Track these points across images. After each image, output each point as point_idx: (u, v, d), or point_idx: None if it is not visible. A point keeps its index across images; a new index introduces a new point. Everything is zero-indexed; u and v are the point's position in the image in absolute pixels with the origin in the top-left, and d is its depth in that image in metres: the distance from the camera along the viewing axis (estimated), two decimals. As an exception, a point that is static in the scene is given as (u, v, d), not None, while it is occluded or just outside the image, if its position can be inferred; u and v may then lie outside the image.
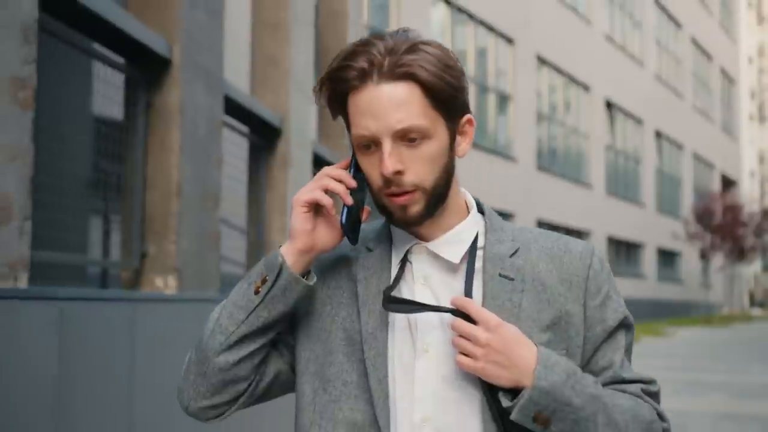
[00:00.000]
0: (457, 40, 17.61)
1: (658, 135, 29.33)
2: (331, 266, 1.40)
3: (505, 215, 19.24)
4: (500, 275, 1.34)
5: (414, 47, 1.28)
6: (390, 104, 1.26)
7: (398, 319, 1.33)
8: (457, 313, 1.28)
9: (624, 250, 26.51)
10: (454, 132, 1.34)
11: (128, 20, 4.06)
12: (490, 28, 18.60)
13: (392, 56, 1.27)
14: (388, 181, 1.28)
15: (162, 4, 4.32)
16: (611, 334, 1.38)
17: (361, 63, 1.27)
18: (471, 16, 17.90)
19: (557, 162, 22.13)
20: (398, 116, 1.26)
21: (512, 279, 1.34)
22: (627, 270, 26.33)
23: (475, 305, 1.25)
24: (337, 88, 1.30)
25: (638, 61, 27.36)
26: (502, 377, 1.25)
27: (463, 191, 1.41)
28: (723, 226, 30.90)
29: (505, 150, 19.28)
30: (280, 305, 1.32)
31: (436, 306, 1.30)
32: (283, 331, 1.38)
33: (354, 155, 1.35)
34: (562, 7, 21.99)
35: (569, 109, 23.02)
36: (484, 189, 18.10)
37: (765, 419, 7.98)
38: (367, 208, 1.36)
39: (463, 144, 1.36)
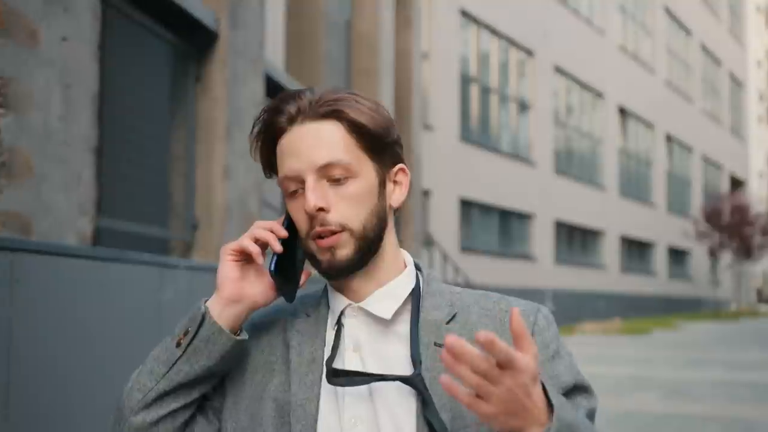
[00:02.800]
0: (482, 53, 18.70)
1: (669, 138, 29.51)
2: (267, 331, 1.29)
3: (525, 216, 20.35)
4: (435, 344, 1.22)
5: (342, 94, 1.24)
6: (313, 141, 1.21)
7: (326, 389, 1.22)
8: (406, 380, 1.18)
9: (636, 249, 26.76)
10: (383, 176, 1.25)
11: None
12: (512, 42, 19.54)
13: (319, 99, 1.23)
14: (312, 222, 1.20)
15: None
16: (568, 394, 1.22)
17: (290, 107, 1.23)
18: (494, 32, 18.91)
19: (573, 165, 22.61)
20: (321, 152, 1.20)
21: None
22: (639, 267, 26.76)
23: (502, 343, 0.98)
24: (265, 137, 1.25)
25: (649, 67, 27.74)
26: (509, 425, 1.05)
27: (403, 251, 1.32)
28: (731, 226, 30.70)
29: (524, 154, 20.09)
30: (202, 358, 1.20)
31: (383, 375, 1.19)
32: (213, 396, 1.27)
33: (287, 210, 1.27)
34: (578, 20, 22.69)
35: (584, 115, 23.56)
36: (504, 191, 19.00)
37: (755, 385, 9.38)
38: (307, 271, 1.28)
39: (397, 193, 1.28)
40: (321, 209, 1.19)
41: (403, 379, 1.17)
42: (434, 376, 1.17)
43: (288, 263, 1.25)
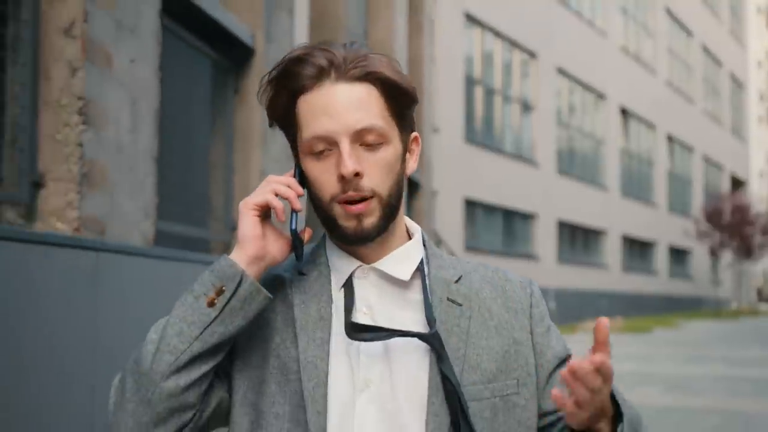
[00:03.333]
0: (486, 55, 18.96)
1: (670, 139, 29.68)
2: (265, 287, 1.22)
3: (528, 216, 20.63)
4: (448, 299, 1.24)
5: (371, 53, 1.20)
6: (349, 103, 1.16)
7: (337, 348, 1.20)
8: (424, 337, 1.18)
9: (638, 248, 26.95)
10: (406, 143, 1.25)
11: (220, 11, 4.21)
12: (515, 44, 19.81)
13: (351, 56, 1.18)
14: (344, 186, 1.17)
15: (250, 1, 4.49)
16: (562, 364, 1.28)
17: (320, 60, 1.17)
18: (498, 34, 19.17)
19: (575, 165, 22.81)
20: (357, 116, 1.16)
21: (460, 304, 1.25)
22: (640, 266, 26.97)
23: (607, 361, 1.06)
24: (287, 85, 1.19)
25: (651, 69, 27.84)
26: (590, 423, 1.13)
27: (406, 218, 1.32)
28: (731, 225, 30.70)
29: (527, 155, 20.34)
30: (238, 319, 1.16)
31: (406, 331, 1.18)
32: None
33: (297, 167, 1.24)
34: (580, 21, 22.91)
35: (586, 116, 23.78)
36: (508, 192, 19.22)
37: (754, 380, 9.68)
38: (308, 228, 1.25)
39: (410, 161, 1.27)
40: (357, 174, 1.16)
41: (422, 336, 1.18)
42: (446, 329, 1.21)
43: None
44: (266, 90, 1.21)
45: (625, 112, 26.09)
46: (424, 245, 1.30)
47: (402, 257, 1.25)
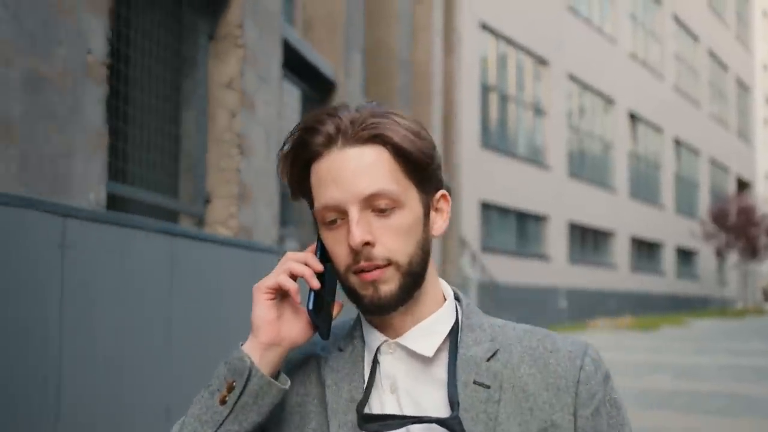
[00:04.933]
0: (499, 62, 19.56)
1: (677, 142, 30.10)
2: (298, 369, 1.19)
3: (540, 217, 21.23)
4: (475, 382, 1.13)
5: (383, 113, 1.12)
6: (356, 169, 1.09)
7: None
8: (443, 422, 1.09)
9: (646, 249, 27.36)
10: (428, 206, 1.15)
11: (313, 54, 4.96)
12: (528, 52, 20.39)
13: (359, 120, 1.11)
14: (356, 256, 1.10)
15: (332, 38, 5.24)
16: None
17: (328, 127, 1.11)
18: (511, 42, 19.78)
19: (585, 168, 23.28)
20: (366, 181, 1.09)
21: (488, 386, 1.13)
22: (648, 267, 27.39)
23: None
24: (299, 155, 1.13)
25: (658, 74, 28.25)
26: None
27: (441, 281, 1.21)
28: (737, 227, 30.96)
29: (539, 158, 20.91)
30: (252, 415, 1.10)
31: (420, 417, 1.11)
32: None
33: (319, 240, 1.17)
34: (590, 29, 23.45)
35: (596, 120, 24.25)
36: (520, 194, 19.71)
37: (755, 368, 10.39)
38: (339, 302, 1.19)
39: (438, 221, 1.18)
40: (367, 243, 1.10)
41: (440, 422, 1.09)
42: (472, 416, 1.11)
43: (321, 297, 1.15)
44: (283, 163, 1.16)
45: (633, 116, 26.44)
46: (458, 309, 1.20)
47: (428, 330, 1.16)
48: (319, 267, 1.13)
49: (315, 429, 1.14)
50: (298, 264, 1.12)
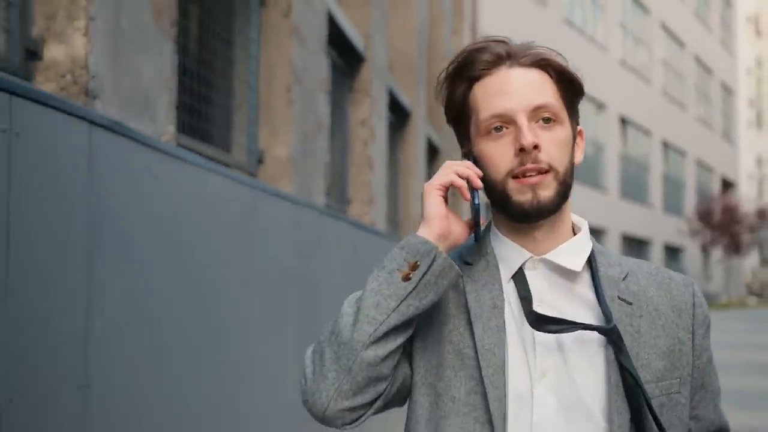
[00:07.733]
0: None
1: (665, 144, 30.55)
2: None
3: (537, 215, 22.07)
4: (619, 298, 1.23)
5: (547, 48, 1.25)
6: (525, 84, 1.20)
7: (511, 337, 1.21)
8: (606, 331, 1.16)
9: (635, 245, 27.66)
10: (574, 131, 1.25)
11: (347, 25, 4.97)
12: None
13: (525, 46, 1.23)
14: (523, 158, 1.17)
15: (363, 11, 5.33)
16: (711, 361, 1.29)
17: (497, 49, 1.21)
18: None
19: (578, 169, 21.47)
20: (534, 93, 1.19)
21: (630, 303, 1.23)
22: None
23: None
24: (465, 73, 1.22)
25: (647, 79, 28.81)
26: None
27: (572, 214, 1.31)
28: (721, 224, 31.73)
29: None
30: (431, 293, 1.17)
31: (588, 325, 1.17)
32: None
33: (471, 157, 1.26)
34: (582, 38, 24.29)
35: (588, 124, 24.19)
36: None
37: (735, 342, 12.04)
38: (483, 217, 1.25)
39: (578, 151, 1.27)
40: (536, 147, 1.17)
41: (602, 330, 1.17)
42: (621, 329, 1.19)
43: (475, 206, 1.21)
44: (443, 86, 1.25)
45: (623, 120, 27.05)
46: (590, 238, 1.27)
47: (572, 249, 1.24)
48: (480, 172, 1.21)
49: (451, 330, 1.23)
50: (463, 167, 1.20)
